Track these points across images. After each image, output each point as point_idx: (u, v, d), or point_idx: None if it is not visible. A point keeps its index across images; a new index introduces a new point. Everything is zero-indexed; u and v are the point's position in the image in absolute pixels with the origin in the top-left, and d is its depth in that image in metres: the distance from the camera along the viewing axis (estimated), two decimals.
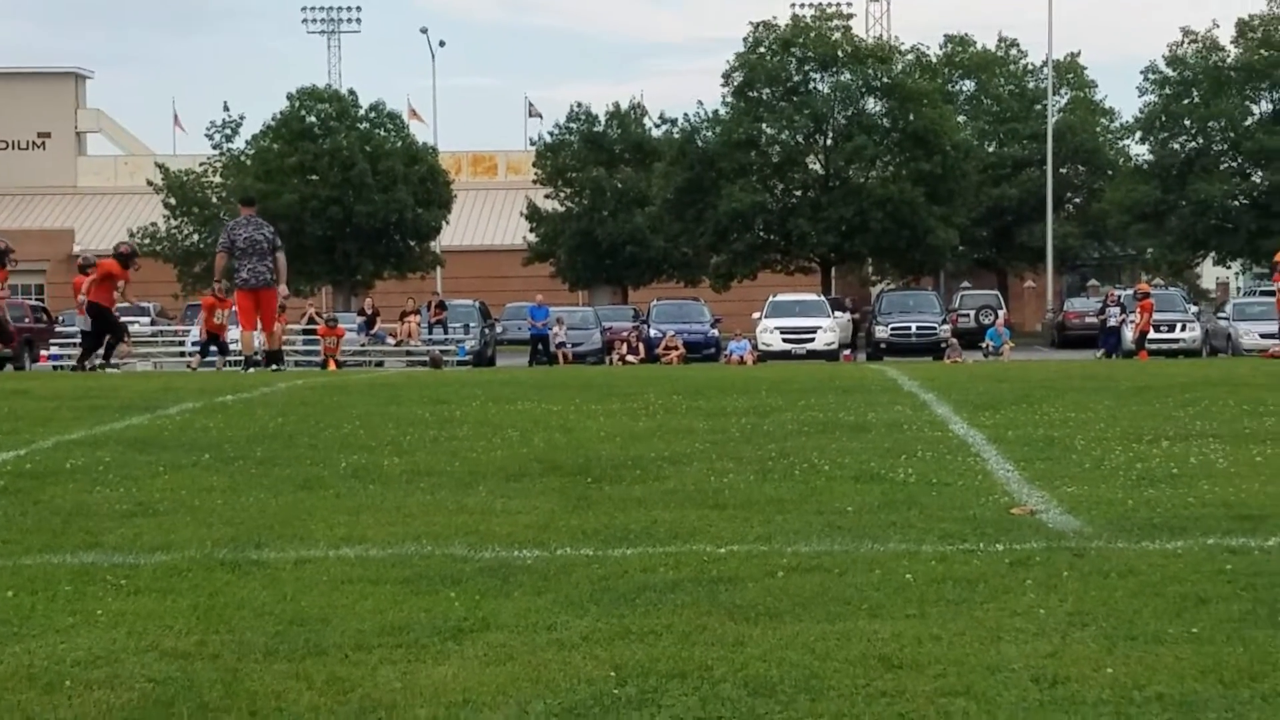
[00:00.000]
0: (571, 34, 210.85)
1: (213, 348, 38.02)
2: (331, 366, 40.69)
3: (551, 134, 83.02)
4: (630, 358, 50.26)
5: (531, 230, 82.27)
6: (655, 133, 79.41)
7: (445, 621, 6.80)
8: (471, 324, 54.70)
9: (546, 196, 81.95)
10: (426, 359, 45.34)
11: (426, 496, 10.37)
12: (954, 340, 52.32)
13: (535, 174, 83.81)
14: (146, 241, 74.99)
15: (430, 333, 51.72)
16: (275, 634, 6.66)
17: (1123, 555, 8.05)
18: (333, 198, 73.03)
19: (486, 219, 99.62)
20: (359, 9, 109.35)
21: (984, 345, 51.68)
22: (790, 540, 8.59)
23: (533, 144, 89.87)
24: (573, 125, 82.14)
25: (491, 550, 8.40)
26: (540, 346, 53.22)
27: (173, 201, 77.32)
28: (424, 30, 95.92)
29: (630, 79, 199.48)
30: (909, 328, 55.91)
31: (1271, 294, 41.65)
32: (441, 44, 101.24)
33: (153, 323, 61.71)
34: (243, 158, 77.00)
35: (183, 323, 58.95)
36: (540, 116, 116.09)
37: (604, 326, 58.61)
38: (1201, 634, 6.42)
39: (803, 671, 5.94)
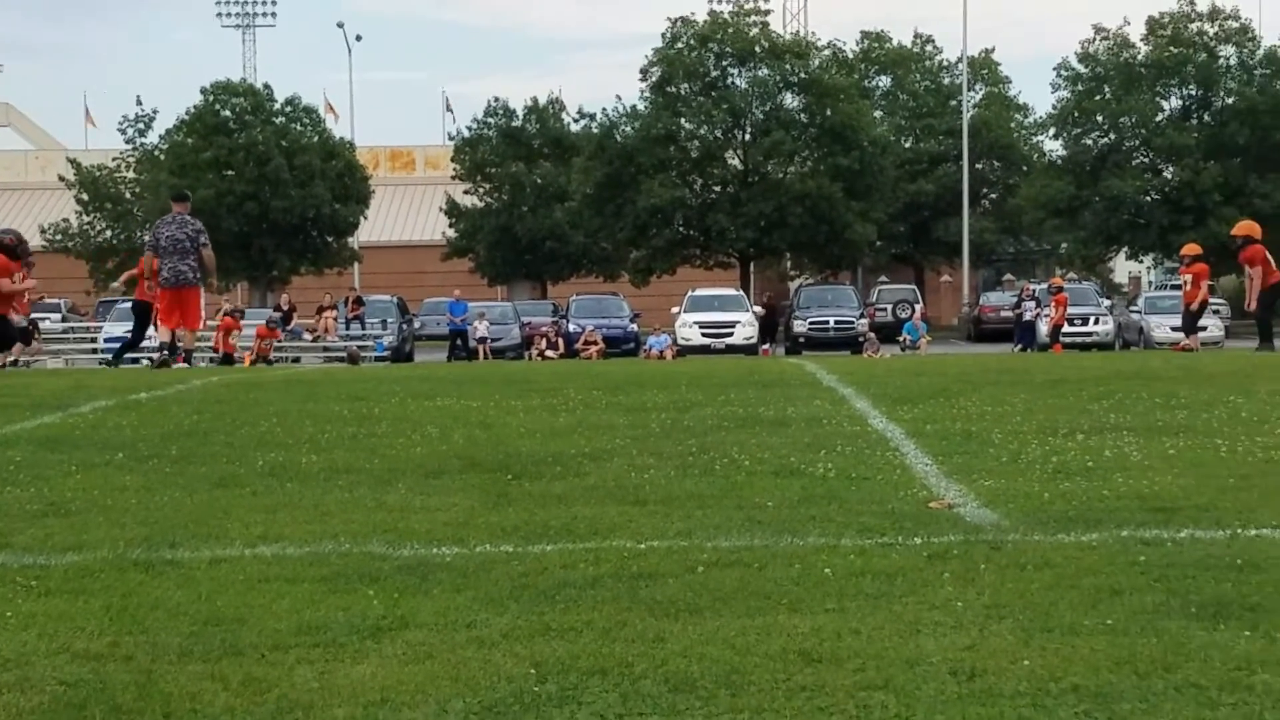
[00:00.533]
0: (489, 29, 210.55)
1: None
2: (247, 363, 40.45)
3: (470, 129, 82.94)
4: (550, 353, 50.28)
5: (450, 226, 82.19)
6: (574, 128, 79.52)
7: (363, 620, 6.76)
8: (389, 320, 54.60)
9: (465, 192, 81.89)
10: (344, 355, 45.20)
11: (344, 494, 10.31)
12: (872, 334, 52.55)
13: (454, 169, 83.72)
14: (59, 238, 74.46)
15: (348, 328, 51.60)
16: (190, 634, 6.61)
17: (1039, 548, 8.08)
18: (248, 193, 72.74)
19: (404, 214, 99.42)
20: (274, 2, 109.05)
21: (901, 339, 51.94)
22: (710, 535, 8.59)
23: (451, 139, 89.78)
24: (491, 120, 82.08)
25: (410, 548, 8.36)
26: (459, 342, 53.17)
27: (85, 197, 76.86)
28: (340, 25, 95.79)
29: (549, 74, 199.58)
30: (827, 322, 56.19)
31: (1180, 288, 41.95)
32: (358, 38, 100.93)
33: (64, 319, 61.30)
34: (156, 153, 76.57)
35: (94, 319, 58.54)
36: (452, 112, 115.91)
37: (523, 322, 58.61)
38: (1116, 626, 6.45)
39: (723, 667, 5.94)
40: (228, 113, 76.66)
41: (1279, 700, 5.43)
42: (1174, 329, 42.81)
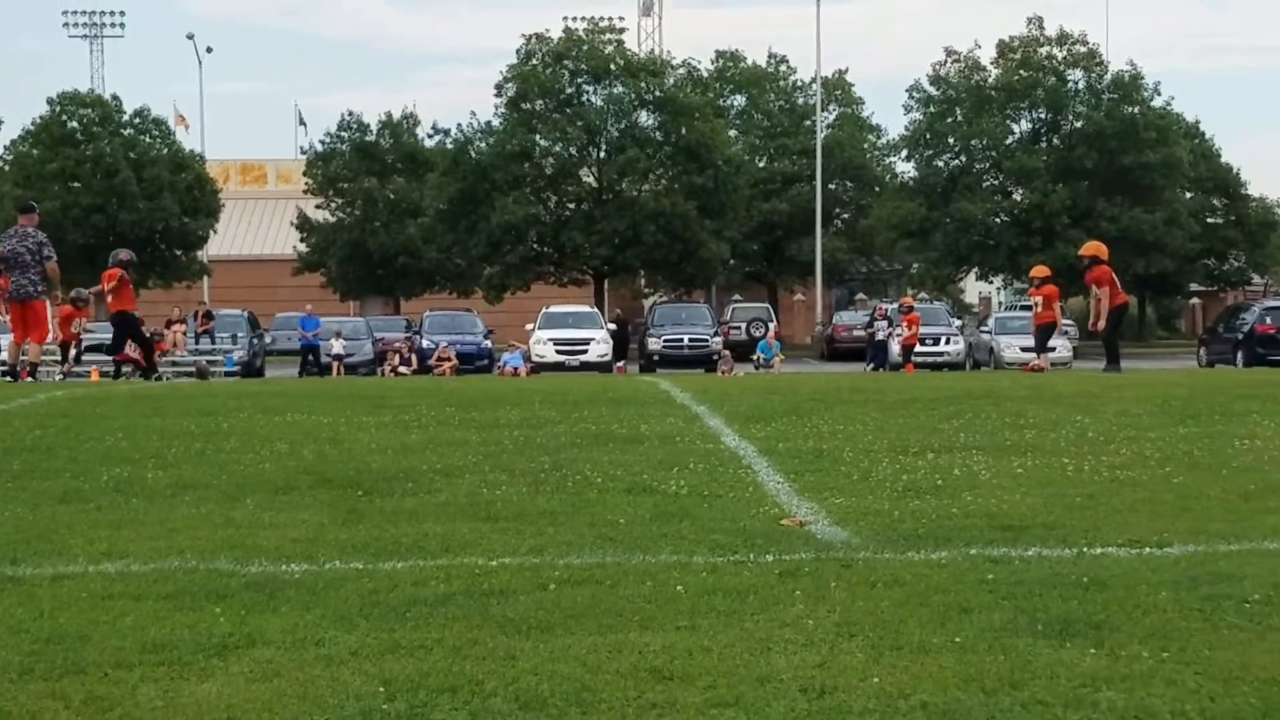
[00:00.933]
0: (342, 42, 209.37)
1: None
2: (95, 376, 39.89)
3: (322, 143, 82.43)
4: (402, 369, 50.00)
5: (302, 240, 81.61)
6: (428, 143, 79.23)
7: (210, 638, 6.68)
8: (240, 334, 54.07)
9: (317, 206, 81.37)
10: (192, 370, 44.71)
11: (191, 510, 10.20)
12: (726, 352, 52.65)
13: (306, 183, 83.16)
14: None
15: (197, 343, 51.03)
16: (31, 652, 6.50)
17: (889, 566, 8.13)
18: (95, 205, 71.98)
19: (256, 228, 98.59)
20: (122, 13, 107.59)
21: (755, 358, 52.07)
22: (562, 553, 8.57)
23: (303, 153, 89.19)
24: (344, 134, 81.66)
25: (258, 564, 8.28)
26: (310, 357, 52.76)
27: None
28: (190, 36, 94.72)
29: (402, 88, 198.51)
30: (681, 340, 56.26)
31: (1030, 309, 42.48)
32: (209, 50, 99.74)
33: None
34: (1, 164, 75.52)
35: None
36: (305, 126, 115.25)
37: (376, 337, 58.24)
38: (964, 643, 6.50)
39: (574, 684, 5.92)
40: (75, 124, 75.86)
41: (1122, 717, 5.49)
42: (1023, 349, 43.28)
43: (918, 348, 49.13)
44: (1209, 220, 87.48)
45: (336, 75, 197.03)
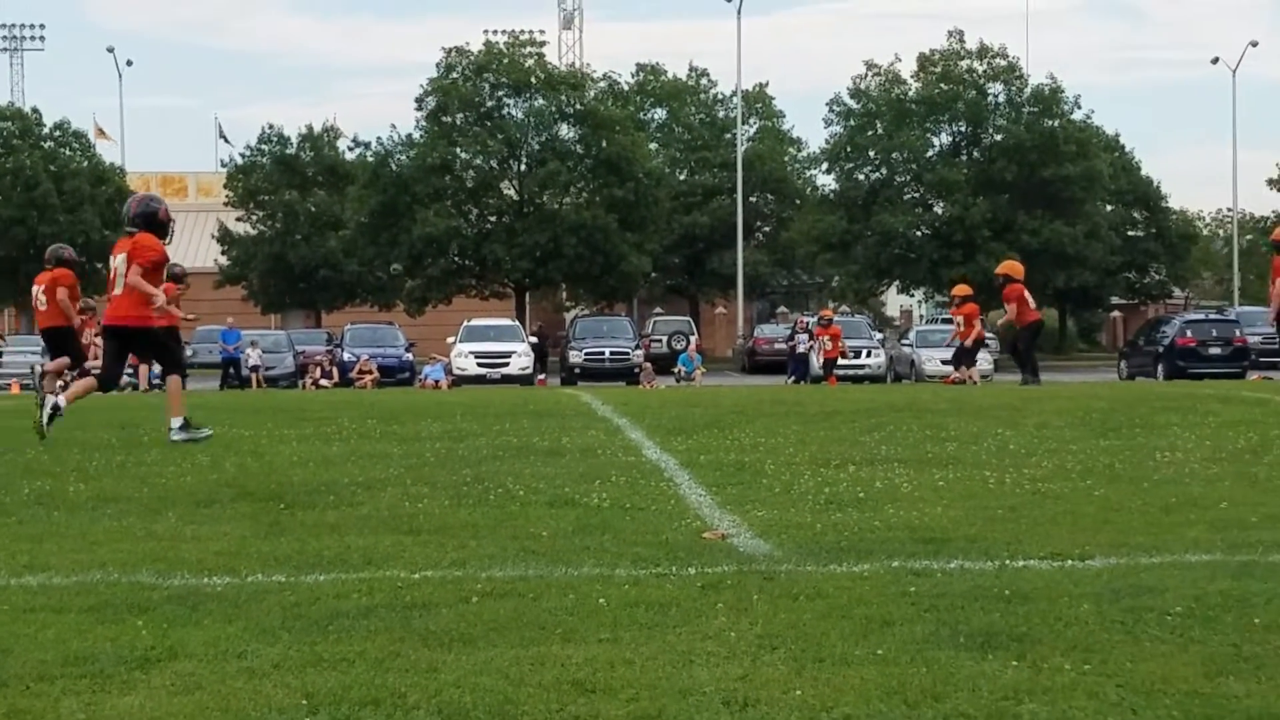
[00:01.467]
0: (262, 55, 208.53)
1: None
2: (15, 389, 39.65)
3: (243, 155, 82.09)
4: (324, 382, 49.90)
5: (223, 253, 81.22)
6: (349, 156, 79.02)
7: (132, 651, 6.64)
8: None
9: (238, 219, 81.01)
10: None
11: (113, 523, 10.14)
12: (647, 365, 52.77)
13: (227, 196, 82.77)
14: None
15: None
16: None
17: (811, 578, 8.15)
18: (15, 218, 71.52)
19: (176, 241, 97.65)
20: (43, 26, 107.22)
21: (676, 371, 52.19)
22: (485, 565, 8.56)
23: (224, 165, 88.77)
24: (264, 147, 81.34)
25: (181, 577, 8.24)
26: (231, 370, 52.51)
27: None
28: (111, 49, 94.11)
29: (323, 101, 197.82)
30: (603, 353, 56.28)
31: (951, 322, 42.80)
32: (129, 63, 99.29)
33: None
34: None
35: None
36: (225, 139, 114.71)
37: (297, 350, 58.03)
38: (887, 655, 6.51)
39: (496, 697, 5.91)
40: None
41: None
42: (944, 362, 43.50)
43: (839, 360, 49.21)
44: (1129, 233, 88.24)
45: (256, 88, 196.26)
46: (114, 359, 16.53)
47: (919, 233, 75.96)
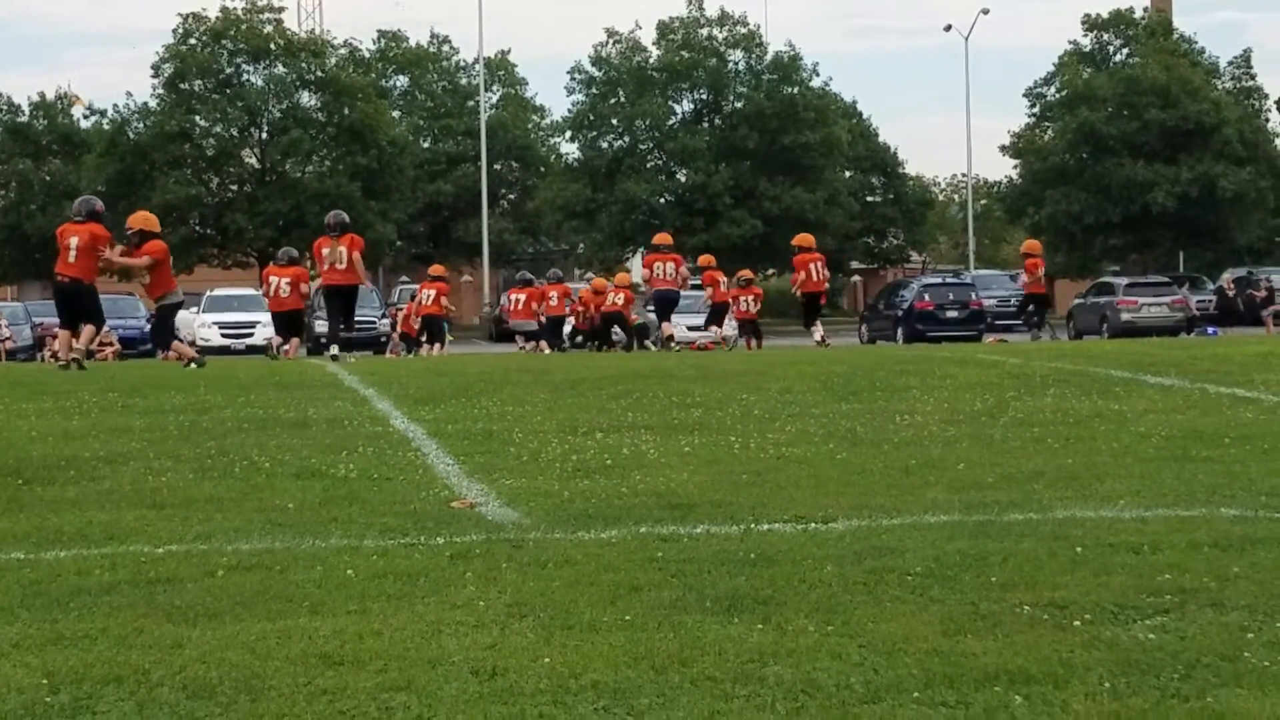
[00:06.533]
0: None
1: None
2: None
3: None
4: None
5: None
6: (84, 124, 77.51)
7: None
8: None
9: None
10: None
11: None
12: (394, 335, 52.39)
13: None
14: None
15: None
16: None
17: (560, 545, 8.20)
18: None
19: None
20: None
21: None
22: (230, 539, 8.49)
23: None
24: None
25: None
26: None
27: None
28: None
29: (54, 69, 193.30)
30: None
31: (699, 289, 43.14)
32: None
33: None
34: None
35: None
36: None
37: (35, 322, 56.77)
38: (635, 621, 6.57)
39: (243, 672, 5.87)
40: None
41: (789, 690, 5.60)
42: (690, 328, 43.70)
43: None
44: (868, 199, 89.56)
45: None
46: None
47: (662, 200, 76.41)
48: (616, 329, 42.52)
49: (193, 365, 22.54)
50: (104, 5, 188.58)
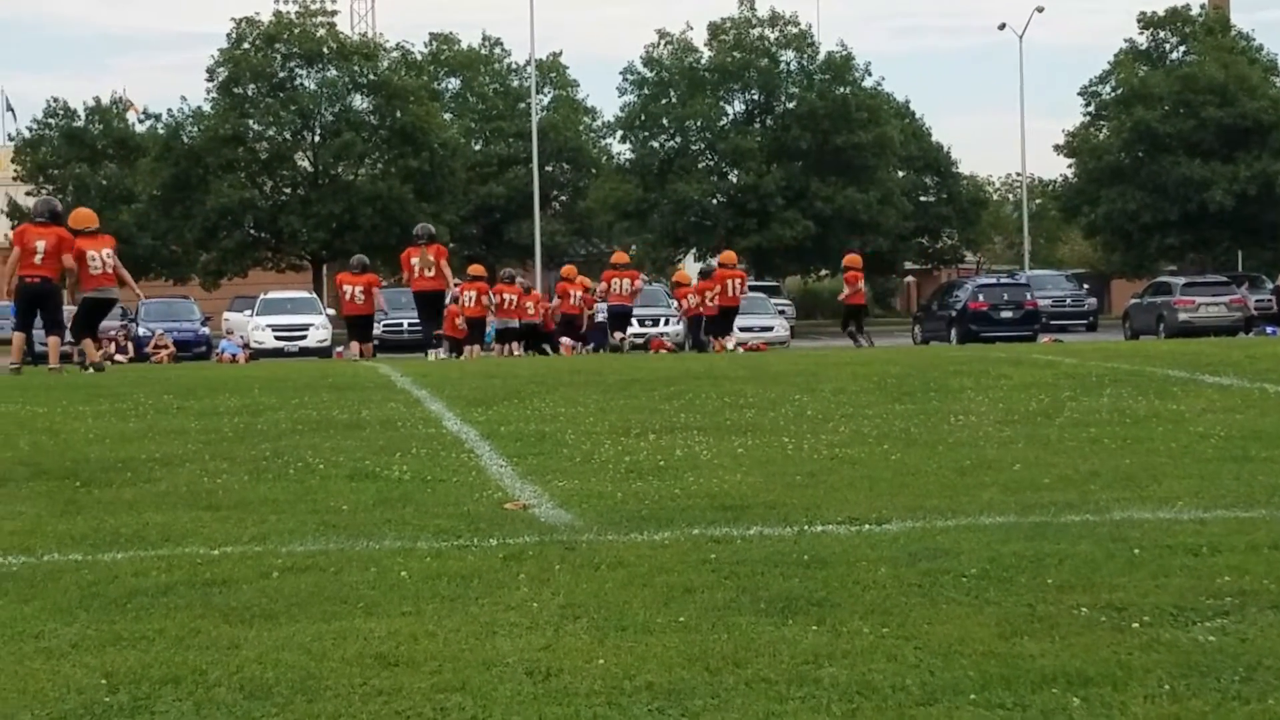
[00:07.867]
0: (44, 25, 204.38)
1: None
2: None
3: (30, 129, 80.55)
4: (119, 357, 49.12)
5: (13, 227, 79.62)
6: (139, 129, 77.82)
7: None
8: None
9: (28, 193, 79.44)
10: None
11: None
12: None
13: (15, 170, 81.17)
14: None
15: None
16: None
17: (613, 547, 8.19)
18: None
19: None
20: None
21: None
22: (285, 540, 8.51)
23: (11, 139, 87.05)
24: (52, 120, 79.87)
25: None
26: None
27: None
28: None
29: (109, 74, 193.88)
30: (401, 324, 55.91)
31: (757, 290, 43.38)
32: None
33: None
34: None
35: None
36: (12, 112, 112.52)
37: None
38: (688, 623, 6.56)
39: (299, 672, 5.88)
40: None
41: (845, 692, 5.58)
42: (742, 329, 43.70)
43: (637, 329, 48.99)
44: (921, 199, 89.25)
45: (40, 60, 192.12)
46: None
47: (714, 201, 76.34)
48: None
49: (90, 370, 22.70)
50: (157, 10, 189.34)
